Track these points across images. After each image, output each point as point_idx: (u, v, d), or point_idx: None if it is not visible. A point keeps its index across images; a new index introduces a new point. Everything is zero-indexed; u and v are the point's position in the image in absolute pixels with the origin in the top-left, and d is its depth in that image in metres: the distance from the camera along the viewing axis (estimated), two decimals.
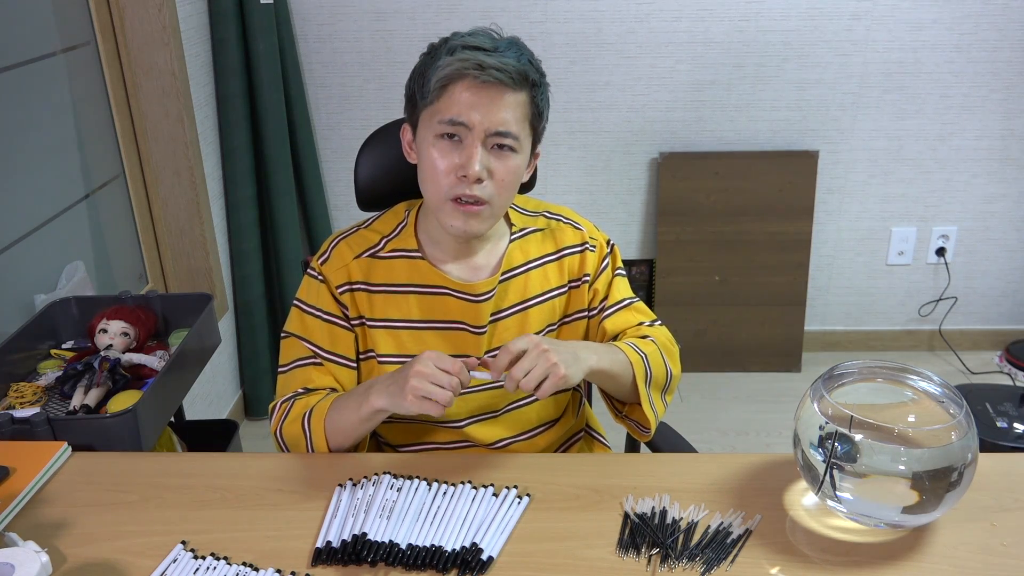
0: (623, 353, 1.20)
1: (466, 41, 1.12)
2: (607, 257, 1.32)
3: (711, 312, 2.82)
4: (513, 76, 1.11)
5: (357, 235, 1.28)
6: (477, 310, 1.22)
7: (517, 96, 1.13)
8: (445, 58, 1.11)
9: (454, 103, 1.11)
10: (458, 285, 1.22)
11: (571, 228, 1.30)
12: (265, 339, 2.64)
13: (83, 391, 1.37)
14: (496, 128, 1.12)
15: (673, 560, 0.96)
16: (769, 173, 2.68)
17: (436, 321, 1.24)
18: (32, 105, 1.83)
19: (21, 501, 1.09)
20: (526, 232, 1.29)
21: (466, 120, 1.11)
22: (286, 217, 2.57)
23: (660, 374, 1.24)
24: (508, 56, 1.11)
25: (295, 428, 1.19)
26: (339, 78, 2.65)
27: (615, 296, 1.31)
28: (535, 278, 1.27)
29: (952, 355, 2.93)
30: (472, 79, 1.10)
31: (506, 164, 1.14)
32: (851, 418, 0.95)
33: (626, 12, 2.56)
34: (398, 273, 1.24)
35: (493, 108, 1.11)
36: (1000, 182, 2.75)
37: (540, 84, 1.16)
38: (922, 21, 2.55)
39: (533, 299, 1.27)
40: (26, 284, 1.78)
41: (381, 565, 0.97)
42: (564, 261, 1.29)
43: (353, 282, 1.24)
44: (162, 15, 2.10)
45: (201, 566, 0.97)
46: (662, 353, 1.26)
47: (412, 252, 1.25)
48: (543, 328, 1.28)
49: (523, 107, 1.14)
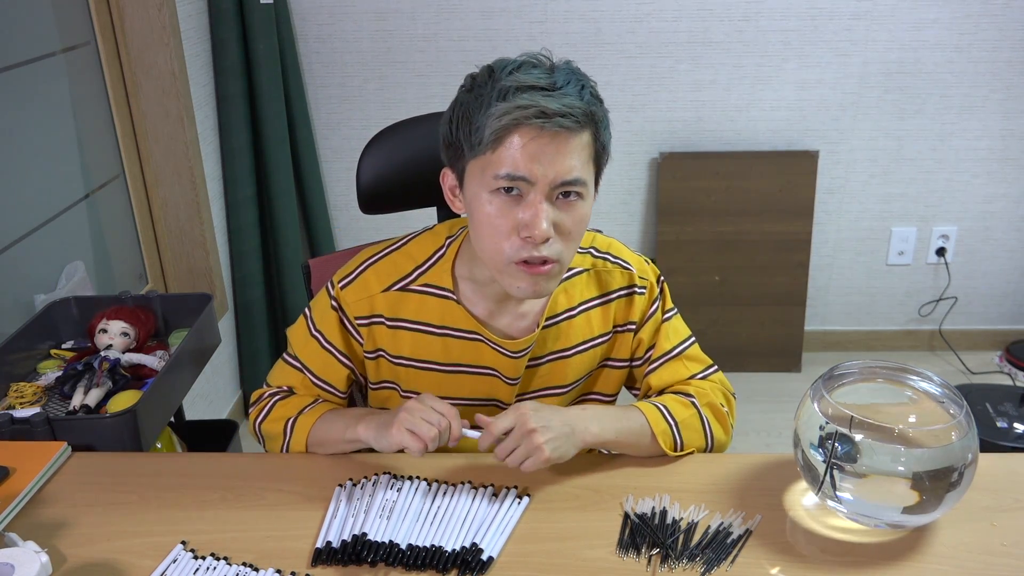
0: (642, 417, 1.11)
1: (520, 81, 0.97)
2: (656, 300, 1.22)
3: (711, 312, 2.82)
4: (580, 120, 0.98)
5: (388, 261, 1.17)
6: (513, 364, 1.15)
7: (582, 138, 1.00)
8: (498, 104, 0.97)
9: (512, 156, 0.97)
10: (494, 338, 1.13)
11: (619, 269, 1.19)
12: (265, 339, 2.64)
13: (83, 391, 1.37)
14: (562, 179, 0.99)
15: (673, 560, 0.96)
16: (769, 173, 2.68)
17: (465, 366, 1.16)
18: (32, 105, 1.83)
19: (21, 501, 1.09)
20: (572, 274, 1.17)
21: (527, 175, 0.98)
22: (286, 217, 2.57)
23: (696, 441, 1.14)
24: (570, 93, 0.98)
25: (275, 427, 1.19)
26: (339, 78, 2.65)
27: (663, 346, 1.21)
28: (578, 325, 1.18)
29: (952, 355, 2.93)
30: (533, 128, 0.97)
31: (573, 215, 1.02)
32: (851, 418, 0.95)
33: (626, 12, 2.56)
34: (429, 312, 1.15)
35: (559, 158, 0.98)
36: (1000, 182, 2.75)
37: (604, 117, 1.03)
38: (922, 21, 2.55)
39: (574, 348, 1.18)
40: (26, 284, 1.78)
41: (381, 565, 0.97)
42: (611, 306, 1.19)
43: (375, 316, 1.16)
44: (162, 15, 2.10)
45: (201, 566, 0.97)
46: (703, 416, 1.15)
47: (446, 292, 1.14)
48: (580, 377, 1.21)
49: (588, 148, 1.01)
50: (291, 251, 2.60)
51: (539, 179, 0.98)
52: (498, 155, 0.99)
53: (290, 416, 1.18)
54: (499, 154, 0.99)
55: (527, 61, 1.01)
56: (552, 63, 1.02)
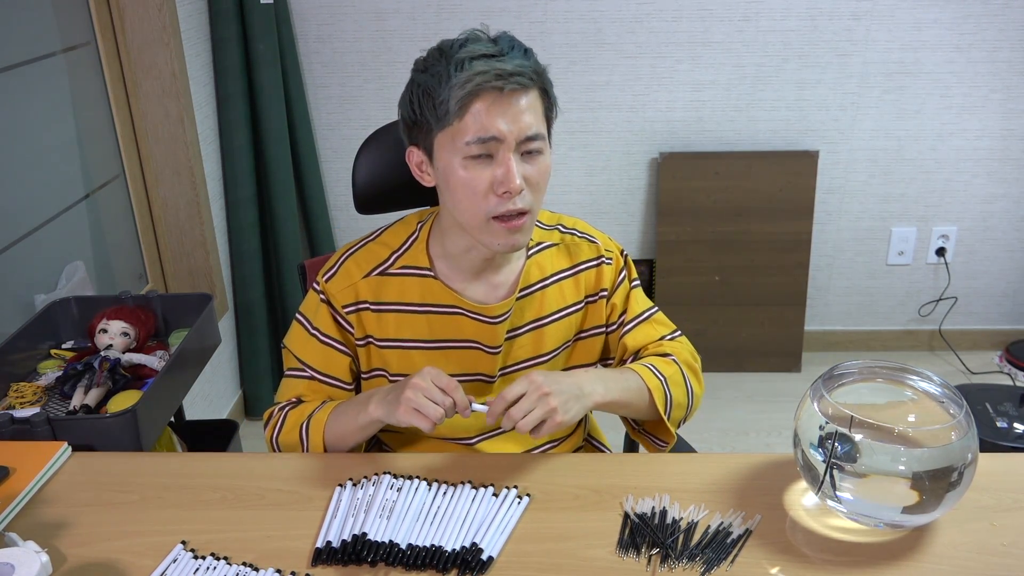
0: (638, 377, 1.19)
1: (472, 52, 1.06)
2: (623, 269, 1.29)
3: (711, 312, 2.82)
4: (532, 77, 1.08)
5: (365, 250, 1.24)
6: (493, 331, 1.20)
7: (534, 94, 1.10)
8: (457, 75, 1.05)
9: (479, 120, 1.06)
10: (473, 307, 1.19)
11: (586, 242, 1.28)
12: (265, 339, 2.64)
13: (83, 391, 1.37)
14: (525, 134, 1.08)
15: (673, 560, 0.96)
16: (769, 173, 2.68)
17: (449, 341, 1.22)
18: (32, 105, 1.83)
19: (21, 501, 1.09)
20: (542, 247, 1.26)
21: (496, 134, 1.06)
22: (286, 217, 2.57)
23: (681, 396, 1.22)
24: (517, 57, 1.08)
25: (291, 438, 1.20)
26: (339, 78, 2.65)
27: (634, 310, 1.29)
28: (551, 295, 1.25)
29: (952, 355, 2.93)
30: (493, 90, 1.06)
31: (539, 167, 1.11)
32: (851, 418, 0.95)
33: (626, 12, 2.56)
34: (409, 292, 1.21)
35: (520, 116, 1.07)
36: (1000, 182, 2.75)
37: (548, 77, 1.13)
38: (922, 21, 2.55)
39: (549, 316, 1.24)
40: (26, 284, 1.78)
41: (381, 565, 0.97)
42: (580, 276, 1.26)
43: (360, 302, 1.21)
44: (162, 15, 2.10)
45: (201, 566, 0.97)
46: (683, 373, 1.24)
47: (423, 270, 1.21)
48: (559, 346, 1.26)
49: (540, 103, 1.11)
50: (291, 251, 2.60)
51: (506, 136, 1.07)
52: (465, 122, 1.07)
53: (302, 421, 1.20)
54: (466, 121, 1.07)
55: (471, 36, 1.10)
56: (490, 36, 1.11)
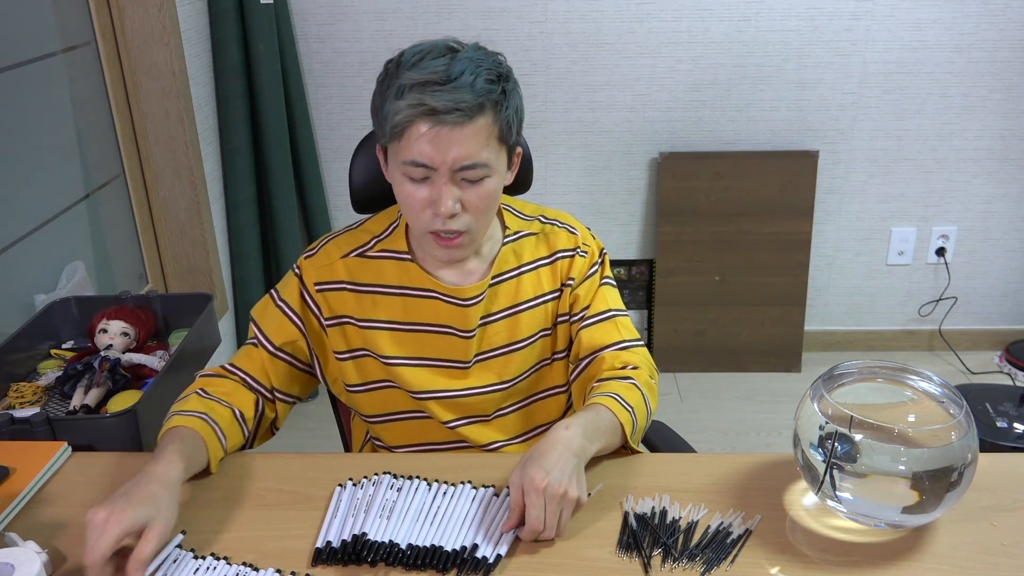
0: (610, 414, 1.11)
1: (413, 79, 1.04)
2: (596, 265, 1.28)
3: (711, 312, 2.82)
4: (469, 112, 1.04)
5: (348, 234, 1.27)
6: (465, 314, 1.21)
7: (477, 124, 1.06)
8: (396, 102, 1.05)
9: (413, 145, 1.06)
10: (447, 289, 1.21)
11: (566, 232, 1.28)
12: None
13: (83, 391, 1.37)
14: (461, 163, 1.07)
15: (673, 560, 0.96)
16: (769, 173, 2.68)
17: (422, 324, 1.23)
18: (32, 105, 1.83)
19: (21, 501, 1.09)
20: (520, 236, 1.26)
21: (428, 162, 1.06)
22: (286, 217, 2.57)
23: (643, 420, 1.18)
24: (462, 86, 1.04)
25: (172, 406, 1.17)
26: (339, 78, 2.65)
27: (597, 306, 1.26)
28: (527, 282, 1.25)
29: (952, 355, 2.93)
30: (429, 120, 1.04)
31: (479, 192, 1.10)
32: (851, 418, 0.95)
33: (626, 12, 2.56)
34: (386, 274, 1.23)
35: (455, 147, 1.05)
36: (1000, 182, 2.75)
37: (503, 99, 1.08)
38: (922, 21, 2.55)
39: (525, 303, 1.25)
40: (26, 284, 1.78)
41: (381, 565, 0.97)
42: (557, 265, 1.26)
43: (338, 281, 1.23)
44: (162, 15, 2.10)
45: (201, 566, 0.97)
46: (644, 396, 1.18)
47: (401, 254, 1.23)
48: (534, 333, 1.26)
49: (487, 129, 1.07)
50: (291, 251, 2.60)
51: (439, 165, 1.07)
52: (402, 144, 1.08)
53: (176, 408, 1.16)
54: (403, 143, 1.08)
55: (432, 50, 1.07)
56: (456, 50, 1.08)
